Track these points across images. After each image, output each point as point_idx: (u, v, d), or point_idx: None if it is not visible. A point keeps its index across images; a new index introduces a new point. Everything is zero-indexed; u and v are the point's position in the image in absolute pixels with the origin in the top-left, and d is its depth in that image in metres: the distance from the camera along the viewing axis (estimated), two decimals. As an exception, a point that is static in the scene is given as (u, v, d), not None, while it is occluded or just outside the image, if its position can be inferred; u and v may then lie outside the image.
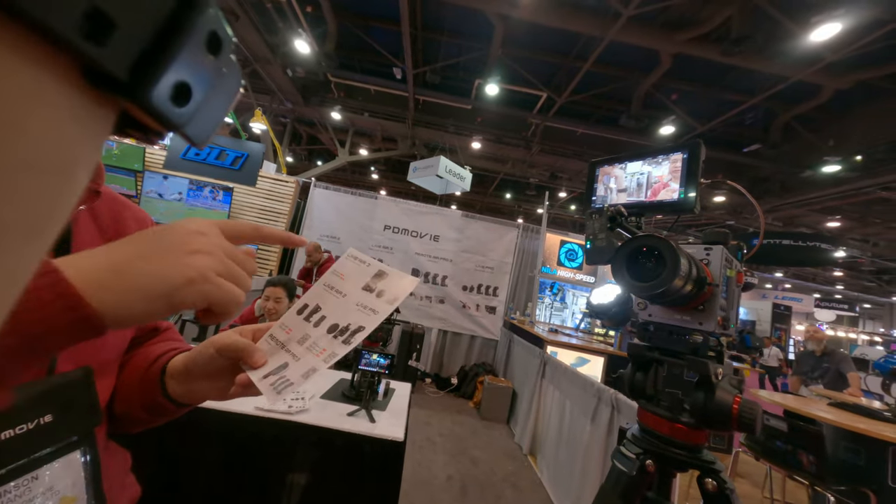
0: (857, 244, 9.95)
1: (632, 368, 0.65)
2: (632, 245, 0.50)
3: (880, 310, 15.95)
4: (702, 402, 0.51)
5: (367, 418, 1.39)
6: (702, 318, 0.55)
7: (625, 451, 0.58)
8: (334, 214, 4.44)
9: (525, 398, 3.19)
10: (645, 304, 0.62)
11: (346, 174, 12.73)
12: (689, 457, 0.54)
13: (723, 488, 0.51)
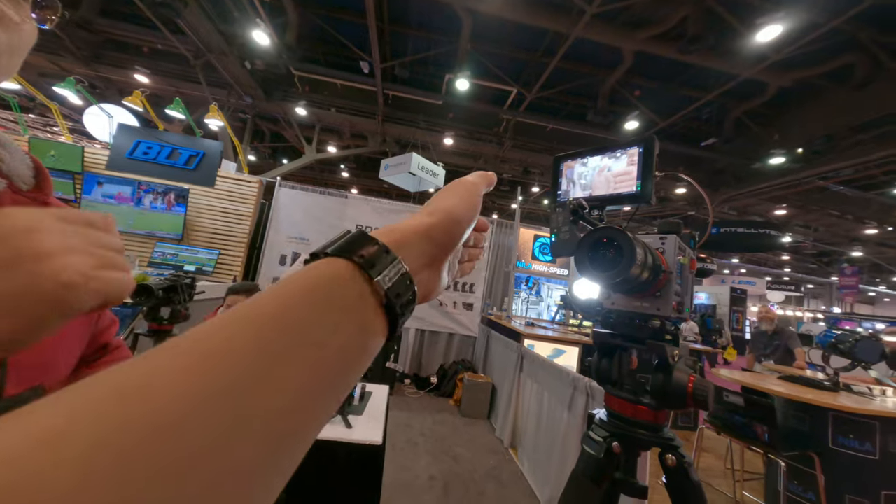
0: (801, 230, 10.95)
1: (597, 356, 0.68)
2: (592, 237, 0.53)
3: (822, 289, 17.65)
4: (661, 383, 0.55)
5: (344, 424, 1.36)
6: (659, 304, 0.59)
7: (593, 436, 0.61)
8: (302, 215, 4.30)
9: (504, 392, 3.26)
10: (609, 293, 0.66)
11: (314, 173, 12.35)
12: (651, 436, 0.58)
13: (681, 462, 0.56)
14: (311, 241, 4.29)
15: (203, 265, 3.66)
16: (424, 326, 4.41)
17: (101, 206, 3.55)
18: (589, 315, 3.59)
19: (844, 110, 5.72)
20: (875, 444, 1.81)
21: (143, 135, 3.74)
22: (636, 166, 0.63)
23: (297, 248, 4.26)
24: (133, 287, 0.29)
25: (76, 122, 7.74)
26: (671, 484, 0.57)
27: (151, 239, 3.71)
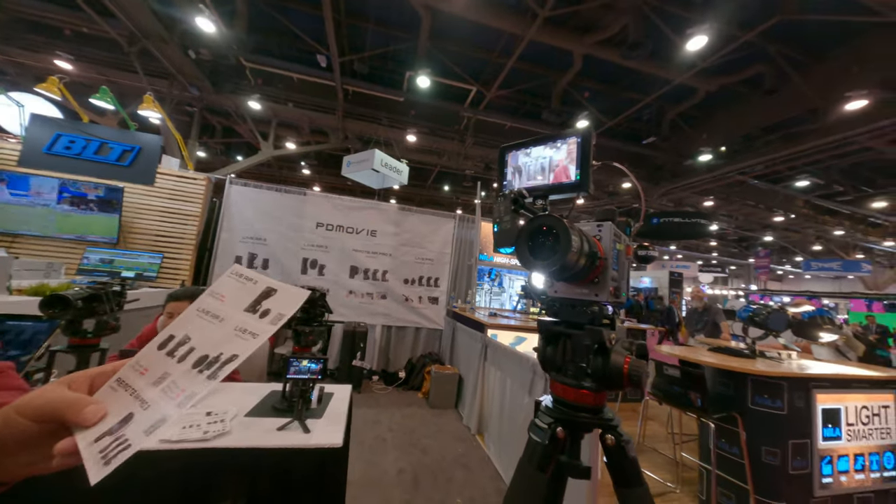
0: (725, 219, 12.16)
1: (542, 343, 0.68)
2: (531, 225, 0.52)
3: (742, 270, 19.78)
4: (600, 367, 0.55)
5: (301, 429, 1.28)
6: (597, 290, 0.59)
7: (538, 423, 0.61)
8: (257, 214, 4.01)
9: (470, 382, 3.29)
10: (552, 282, 0.65)
11: (272, 170, 11.63)
12: (592, 418, 0.59)
13: (619, 441, 0.57)
14: (268, 242, 4.02)
15: (144, 270, 3.30)
16: (391, 322, 4.34)
17: (11, 207, 3.05)
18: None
19: (757, 113, 6.39)
20: (784, 401, 2.05)
21: (64, 127, 3.26)
22: (575, 156, 0.62)
23: (253, 249, 3.97)
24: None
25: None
26: (611, 462, 0.58)
27: (81, 244, 3.28)
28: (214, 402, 1.45)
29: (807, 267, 12.58)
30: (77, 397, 0.34)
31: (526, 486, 0.58)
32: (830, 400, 2.13)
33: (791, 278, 20.63)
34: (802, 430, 2.07)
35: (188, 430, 1.18)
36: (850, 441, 2.14)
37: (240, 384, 1.73)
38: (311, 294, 1.63)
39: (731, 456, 2.14)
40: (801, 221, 11.00)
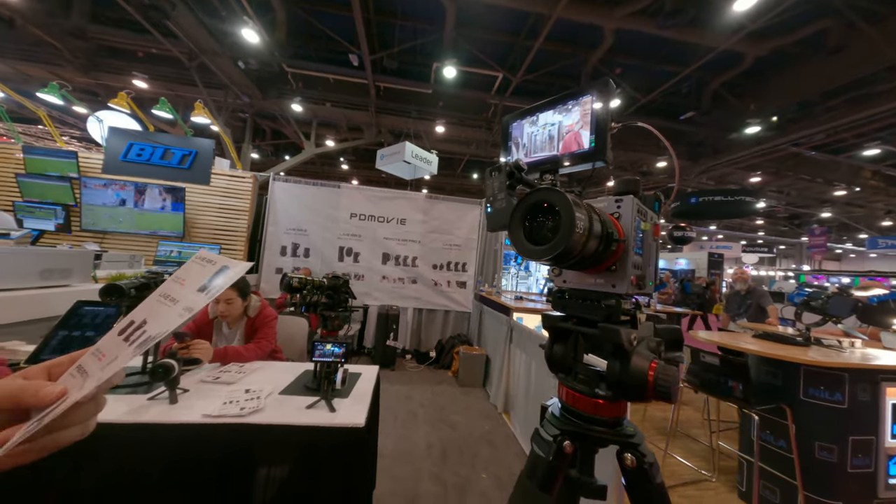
0: (774, 195, 10.68)
1: (549, 341, 0.56)
2: (527, 202, 0.40)
3: (792, 249, 17.49)
4: (617, 372, 0.43)
5: (328, 408, 1.28)
6: (614, 280, 0.46)
7: (542, 433, 0.50)
8: (298, 207, 4.13)
9: (497, 362, 3.21)
10: (559, 269, 0.53)
11: (315, 167, 12.04)
12: (607, 432, 0.47)
13: (641, 463, 0.45)
14: (308, 232, 4.15)
15: (207, 260, 3.54)
16: (421, 305, 4.34)
17: (101, 209, 3.40)
18: None
19: (818, 77, 5.39)
20: (844, 394, 1.74)
21: (135, 137, 3.53)
22: (589, 119, 0.48)
23: (296, 240, 4.13)
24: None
25: (83, 131, 7.44)
26: (631, 486, 0.47)
27: (154, 238, 3.58)
28: (253, 381, 1.50)
29: (872, 245, 10.79)
30: (34, 382, 0.32)
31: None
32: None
33: (852, 257, 17.91)
34: (866, 427, 1.75)
35: (227, 406, 1.22)
36: (927, 441, 1.78)
37: (280, 363, 1.79)
38: (335, 281, 1.62)
39: (777, 449, 1.88)
40: (868, 194, 9.38)
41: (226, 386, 1.40)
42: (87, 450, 1.07)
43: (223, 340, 1.85)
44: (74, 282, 1.95)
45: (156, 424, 1.12)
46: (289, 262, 4.09)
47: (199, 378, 1.45)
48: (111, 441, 1.08)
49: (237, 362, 1.67)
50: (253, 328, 1.86)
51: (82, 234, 3.45)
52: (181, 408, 1.20)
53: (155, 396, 1.24)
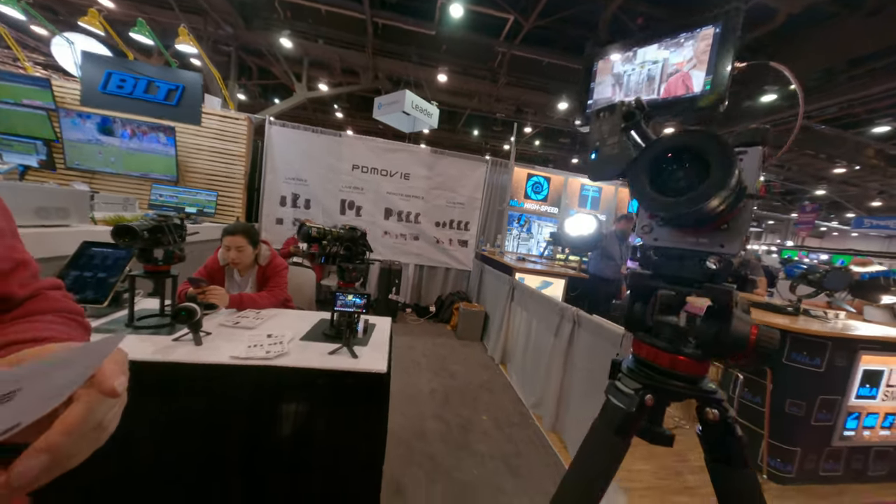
0: (774, 169, 10.59)
1: (630, 299, 0.55)
2: (666, 145, 0.35)
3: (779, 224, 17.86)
4: (714, 333, 0.43)
5: (349, 355, 1.31)
6: (724, 240, 0.44)
7: (621, 387, 0.52)
8: (297, 155, 3.90)
9: (496, 319, 3.33)
10: (650, 226, 0.50)
11: (307, 113, 11.23)
12: (689, 388, 0.48)
13: (725, 417, 0.47)
14: (309, 183, 3.97)
15: (203, 207, 3.40)
16: (423, 262, 4.37)
17: (86, 146, 3.14)
18: (577, 251, 3.47)
19: (850, 40, 5.02)
20: (823, 360, 1.88)
21: (113, 65, 3.14)
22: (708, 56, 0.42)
23: (295, 190, 3.96)
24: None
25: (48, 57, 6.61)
26: (711, 439, 0.49)
27: (146, 181, 3.38)
28: (272, 327, 1.52)
29: (858, 224, 11.06)
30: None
31: (604, 452, 0.51)
32: (876, 362, 1.93)
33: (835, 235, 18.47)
34: (835, 388, 1.93)
35: (253, 349, 1.23)
36: (884, 401, 1.98)
37: (294, 311, 1.80)
38: (352, 233, 1.57)
39: (752, 404, 2.07)
40: (866, 173, 9.38)
41: (246, 330, 1.41)
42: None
43: (235, 288, 1.83)
44: (73, 222, 1.85)
45: (185, 364, 1.13)
46: (289, 212, 3.96)
47: (219, 322, 1.46)
48: (141, 378, 1.10)
49: (252, 309, 1.67)
50: (264, 277, 1.84)
51: (69, 174, 3.22)
52: (207, 349, 1.21)
53: (179, 338, 1.24)
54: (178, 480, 1.17)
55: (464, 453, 1.90)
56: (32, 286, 0.42)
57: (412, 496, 1.57)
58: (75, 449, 0.25)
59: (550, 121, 10.19)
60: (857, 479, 2.05)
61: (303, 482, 1.25)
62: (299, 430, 1.24)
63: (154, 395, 1.12)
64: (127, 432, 1.09)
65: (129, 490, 1.14)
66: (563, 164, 11.38)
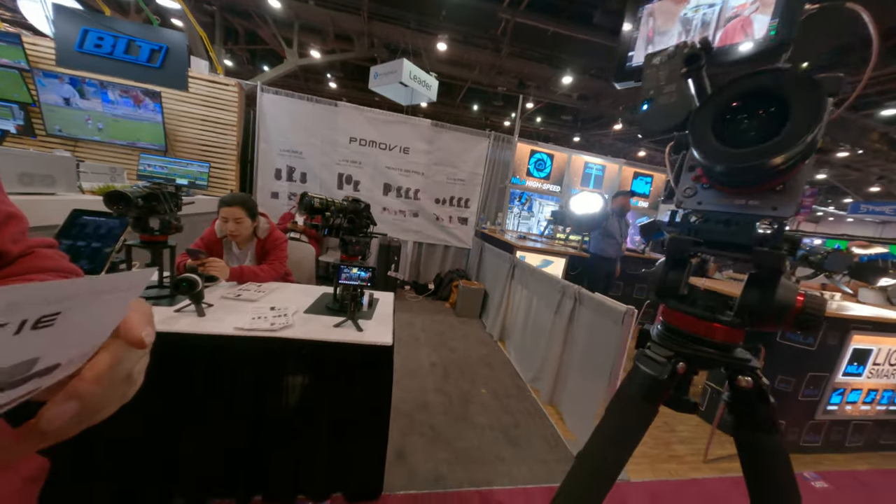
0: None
1: (664, 267, 0.54)
2: (738, 89, 0.32)
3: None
4: (757, 300, 0.41)
5: (354, 328, 1.31)
6: (778, 202, 0.41)
7: (652, 355, 0.51)
8: (291, 126, 3.74)
9: (496, 297, 3.36)
10: (693, 189, 0.47)
11: (299, 82, 10.71)
12: (722, 356, 0.48)
13: (759, 384, 0.47)
14: (305, 155, 3.84)
15: (196, 178, 3.29)
16: (422, 239, 4.34)
17: (66, 111, 2.96)
18: (582, 230, 3.45)
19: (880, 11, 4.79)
20: (817, 338, 1.93)
21: (89, 21, 2.91)
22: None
23: (291, 162, 3.83)
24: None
25: (14, 13, 6.11)
26: (742, 406, 0.49)
27: (133, 150, 3.24)
28: (275, 300, 1.50)
29: (854, 209, 11.15)
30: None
31: (632, 418, 0.51)
32: (866, 341, 1.99)
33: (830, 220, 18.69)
34: (824, 365, 2.00)
35: (257, 321, 1.22)
36: (869, 378, 2.07)
37: (295, 285, 1.79)
38: (355, 205, 1.53)
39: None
40: (869, 158, 9.34)
41: (249, 303, 1.40)
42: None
43: (234, 261, 1.80)
44: (60, 191, 1.77)
45: (189, 334, 1.12)
46: (284, 186, 3.86)
47: (220, 295, 1.44)
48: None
49: (253, 282, 1.65)
50: (264, 250, 1.81)
51: (50, 141, 3.06)
52: (211, 320, 1.20)
53: (181, 309, 1.22)
54: (182, 449, 1.20)
55: (464, 424, 1.97)
56: (25, 243, 0.39)
57: (415, 462, 1.63)
58: (105, 400, 0.24)
59: (553, 96, 9.86)
60: (835, 449, 2.18)
61: (309, 448, 1.29)
62: (305, 400, 1.26)
63: (158, 365, 1.11)
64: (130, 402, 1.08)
65: (133, 458, 1.16)
66: (565, 142, 11.12)
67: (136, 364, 0.26)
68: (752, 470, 0.47)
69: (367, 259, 1.55)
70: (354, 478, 1.36)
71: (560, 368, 2.22)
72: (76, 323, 0.20)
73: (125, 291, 0.22)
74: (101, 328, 0.23)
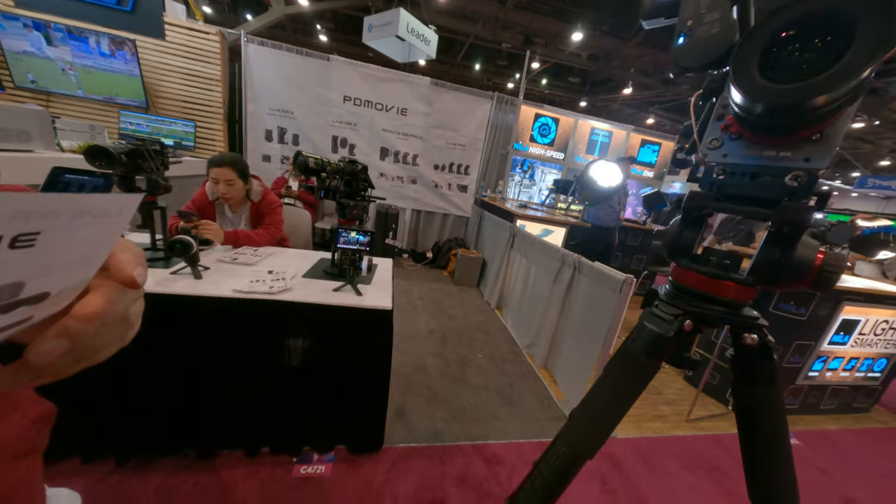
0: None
1: (681, 225, 0.52)
2: (794, 13, 0.28)
3: (781, 182, 17.71)
4: (775, 260, 0.40)
5: (354, 292, 1.31)
6: (812, 152, 0.38)
7: (659, 313, 0.51)
8: (280, 82, 3.51)
9: (494, 265, 3.38)
10: (720, 140, 0.44)
11: (286, 34, 9.95)
12: (731, 314, 0.48)
13: (765, 341, 0.48)
14: (296, 115, 3.65)
15: (182, 139, 3.14)
16: (420, 207, 4.27)
17: (35, 61, 2.74)
18: (596, 201, 3.36)
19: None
20: (808, 309, 1.99)
21: (46, -49, 2.60)
22: None
23: (282, 123, 3.65)
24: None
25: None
26: (746, 364, 0.50)
27: (112, 106, 3.05)
28: (273, 263, 1.50)
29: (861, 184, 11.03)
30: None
31: (633, 373, 0.52)
32: (855, 312, 2.05)
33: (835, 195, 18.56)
34: (812, 334, 2.07)
35: (256, 284, 1.22)
36: (853, 347, 2.16)
37: (292, 250, 1.77)
38: (353, 166, 1.47)
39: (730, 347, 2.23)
40: (884, 129, 9.08)
41: (246, 267, 1.39)
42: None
43: (227, 225, 1.77)
44: (37, 147, 1.69)
45: (187, 296, 1.12)
46: (276, 148, 3.71)
47: (216, 258, 1.43)
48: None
49: (249, 246, 1.63)
50: (258, 214, 1.77)
51: (20, 94, 2.86)
52: (208, 283, 1.19)
53: (177, 272, 1.21)
54: (186, 412, 1.24)
55: (461, 385, 2.06)
56: None
57: (413, 419, 1.72)
58: (99, 341, 0.24)
59: (561, 55, 9.29)
60: (809, 411, 2.33)
61: (313, 405, 1.35)
62: (307, 361, 1.29)
63: (157, 327, 1.12)
64: (130, 364, 1.11)
65: (134, 420, 1.21)
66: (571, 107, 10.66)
67: (130, 306, 0.26)
68: (748, 421, 0.49)
69: (364, 224, 1.52)
70: (357, 432, 1.44)
71: (556, 335, 2.29)
72: (59, 247, 0.19)
73: (112, 217, 0.21)
74: (89, 258, 0.22)
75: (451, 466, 1.49)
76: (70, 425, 1.16)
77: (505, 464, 1.55)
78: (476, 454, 1.57)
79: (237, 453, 1.35)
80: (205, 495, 1.20)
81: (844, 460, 1.97)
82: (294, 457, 1.38)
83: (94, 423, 1.18)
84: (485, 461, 1.54)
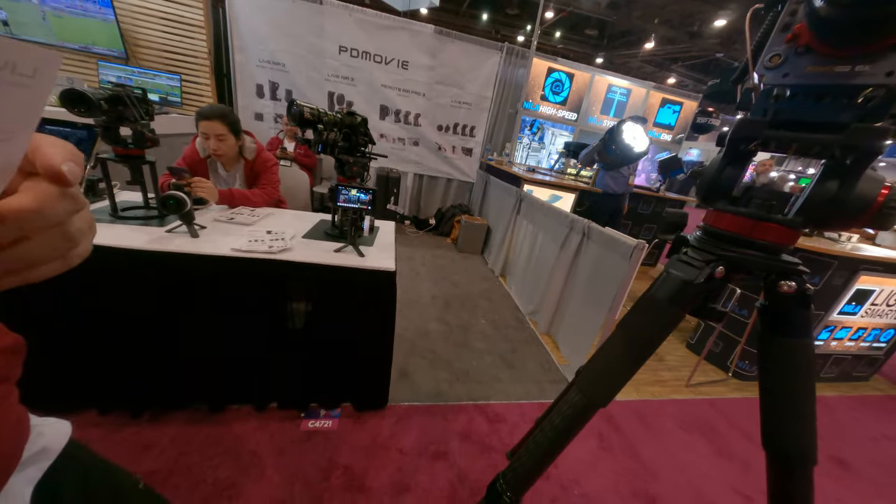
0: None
1: (722, 161, 0.48)
2: None
3: (804, 150, 17.07)
4: (831, 194, 0.37)
5: (356, 253, 1.30)
6: (892, 64, 0.33)
7: (688, 259, 0.49)
8: (270, 30, 3.26)
9: (499, 232, 3.35)
10: (783, 55, 0.39)
11: (275, -24, 9.14)
12: (769, 259, 0.45)
13: (802, 289, 0.45)
14: (288, 68, 3.43)
15: (167, 94, 2.98)
16: (423, 171, 4.15)
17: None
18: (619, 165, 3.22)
19: None
20: (823, 278, 1.97)
21: None
22: None
23: (273, 77, 3.45)
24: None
25: None
26: (779, 312, 0.48)
27: (90, 56, 2.87)
28: (271, 223, 1.47)
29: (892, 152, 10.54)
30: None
31: (656, 320, 0.51)
32: (871, 282, 2.03)
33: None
34: (823, 304, 2.07)
35: (255, 244, 1.20)
36: (863, 317, 2.16)
37: (290, 211, 1.74)
38: (351, 118, 1.39)
39: (739, 317, 2.25)
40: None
41: (244, 226, 1.37)
42: (116, 275, 1.08)
43: (221, 183, 1.72)
44: (11, 96, 1.60)
45: (185, 254, 1.11)
46: (269, 105, 3.54)
47: (213, 217, 1.40)
48: (140, 268, 1.09)
49: (245, 206, 1.60)
50: (253, 173, 1.71)
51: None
52: (205, 241, 1.18)
53: (173, 230, 1.19)
54: (199, 358, 1.28)
55: (463, 349, 2.11)
56: None
57: (417, 380, 1.79)
58: (32, 252, 0.22)
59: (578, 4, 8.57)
60: (809, 377, 2.39)
61: (318, 364, 1.38)
62: (310, 322, 1.31)
63: (155, 285, 1.12)
64: (128, 324, 1.11)
65: (145, 376, 1.25)
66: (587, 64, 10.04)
67: (68, 216, 0.23)
68: (777, 372, 0.48)
69: (365, 183, 1.47)
70: (362, 390, 1.49)
71: (560, 301, 2.30)
72: None
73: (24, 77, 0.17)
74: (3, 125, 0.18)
75: (454, 423, 1.56)
76: (86, 379, 1.20)
77: (506, 422, 1.62)
78: (478, 413, 1.64)
79: (246, 408, 1.42)
80: (218, 444, 1.27)
81: (837, 425, 2.05)
82: (301, 412, 1.44)
83: (109, 377, 1.22)
84: (487, 419, 1.61)
